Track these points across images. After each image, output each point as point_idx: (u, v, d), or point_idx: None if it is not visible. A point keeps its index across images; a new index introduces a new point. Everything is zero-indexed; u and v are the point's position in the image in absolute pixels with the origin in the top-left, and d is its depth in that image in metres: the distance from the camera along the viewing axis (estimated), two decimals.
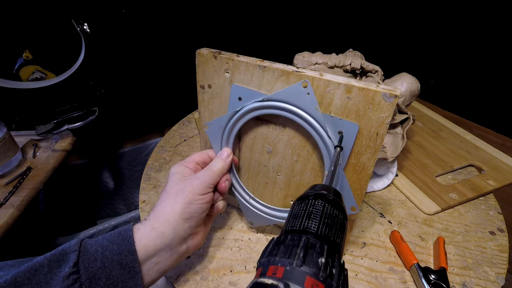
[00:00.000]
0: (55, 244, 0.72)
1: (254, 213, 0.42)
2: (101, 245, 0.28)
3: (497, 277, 0.39)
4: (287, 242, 0.19)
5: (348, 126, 0.30)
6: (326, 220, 0.21)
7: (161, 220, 0.30)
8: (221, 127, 0.38)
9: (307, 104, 0.31)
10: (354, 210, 0.34)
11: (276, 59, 0.33)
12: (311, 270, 0.17)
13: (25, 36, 0.69)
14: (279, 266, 0.17)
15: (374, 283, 0.38)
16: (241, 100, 0.35)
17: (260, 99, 0.33)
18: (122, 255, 0.27)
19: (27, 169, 0.60)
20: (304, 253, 0.18)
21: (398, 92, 0.27)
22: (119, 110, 0.92)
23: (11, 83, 0.64)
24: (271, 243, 0.20)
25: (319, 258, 0.18)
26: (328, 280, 0.17)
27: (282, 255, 0.18)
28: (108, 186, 1.03)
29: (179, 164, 0.35)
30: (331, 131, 0.31)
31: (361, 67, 0.50)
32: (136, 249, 0.28)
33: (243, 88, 0.34)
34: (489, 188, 0.51)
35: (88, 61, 0.69)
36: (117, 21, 0.76)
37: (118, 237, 0.28)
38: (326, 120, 0.31)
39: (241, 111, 0.35)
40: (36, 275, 0.25)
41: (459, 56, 0.92)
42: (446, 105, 0.92)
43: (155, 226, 0.30)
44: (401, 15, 1.07)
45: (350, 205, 0.33)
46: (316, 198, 0.22)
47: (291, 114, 0.32)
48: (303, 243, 0.18)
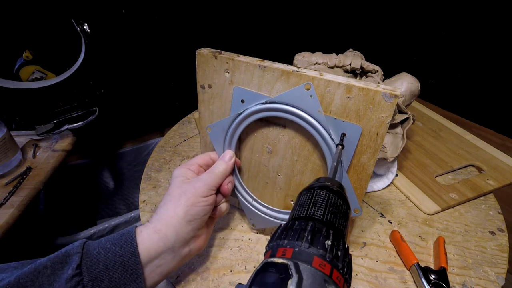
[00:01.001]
0: (55, 244, 0.72)
1: (256, 215, 0.42)
2: (104, 247, 0.28)
3: (497, 277, 0.39)
4: (295, 227, 0.20)
5: (351, 128, 0.30)
6: (331, 209, 0.22)
7: (163, 222, 0.30)
8: (223, 129, 0.38)
9: (310, 106, 0.31)
10: (357, 212, 0.34)
11: (276, 59, 0.33)
12: (318, 251, 0.18)
13: (25, 36, 0.69)
14: (288, 248, 0.18)
15: (374, 283, 0.38)
16: (243, 103, 0.35)
17: (262, 101, 0.33)
18: (125, 257, 0.27)
19: (27, 169, 0.60)
20: (311, 236, 0.19)
21: (398, 92, 0.27)
22: (119, 110, 0.92)
23: (11, 83, 0.64)
24: (279, 229, 0.21)
25: (326, 240, 0.18)
26: (334, 260, 0.18)
27: (291, 238, 0.19)
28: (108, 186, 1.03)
29: (182, 167, 0.36)
30: (334, 133, 0.31)
31: (361, 67, 0.50)
32: (139, 251, 0.28)
33: (245, 90, 0.34)
34: (489, 188, 0.51)
35: (88, 61, 0.69)
36: (117, 21, 0.76)
37: (120, 239, 0.28)
38: (329, 122, 0.31)
39: (243, 114, 0.35)
40: (39, 276, 0.25)
41: (459, 56, 0.92)
42: (446, 105, 0.92)
43: (157, 228, 0.30)
44: (401, 15, 1.07)
45: (354, 208, 0.33)
46: (321, 189, 0.23)
47: (294, 116, 0.32)
48: (310, 227, 0.19)
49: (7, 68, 0.67)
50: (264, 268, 0.17)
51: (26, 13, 0.67)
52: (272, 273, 0.17)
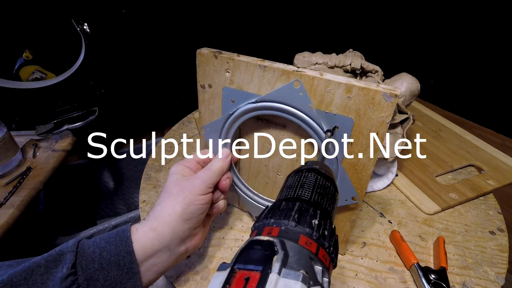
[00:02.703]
0: (55, 244, 0.72)
1: (258, 208, 0.42)
2: (98, 246, 0.27)
3: (497, 277, 0.39)
4: (282, 207, 0.20)
5: (343, 120, 0.30)
6: (319, 190, 0.22)
7: (160, 220, 0.30)
8: (217, 129, 0.38)
9: (301, 103, 0.31)
10: (355, 199, 0.34)
11: (276, 59, 0.33)
12: (304, 230, 0.18)
13: (25, 36, 0.69)
14: (274, 227, 0.18)
15: (374, 283, 0.38)
16: (234, 102, 0.35)
17: (253, 101, 0.33)
18: (120, 256, 0.27)
19: (27, 169, 0.60)
20: (298, 215, 0.19)
21: (398, 92, 0.27)
22: (119, 110, 0.92)
23: (11, 83, 0.64)
24: (265, 210, 0.20)
25: (313, 219, 0.18)
26: (320, 239, 0.18)
27: (277, 217, 0.19)
28: (108, 186, 1.03)
29: (179, 164, 0.35)
30: (327, 127, 0.31)
31: (361, 67, 0.50)
32: (134, 249, 0.28)
33: (234, 90, 0.34)
34: (489, 188, 0.51)
35: (88, 61, 0.69)
36: (117, 21, 0.76)
37: (115, 238, 0.28)
38: (321, 116, 0.31)
39: (235, 113, 0.35)
40: (32, 275, 0.25)
41: (459, 56, 0.92)
42: (446, 105, 0.92)
43: (154, 226, 0.29)
44: (401, 15, 1.07)
45: (351, 195, 0.34)
46: (309, 171, 0.23)
47: (285, 114, 0.32)
48: (297, 207, 0.19)
49: (7, 68, 0.67)
50: (249, 246, 0.17)
51: (26, 13, 0.67)
52: (257, 250, 0.16)
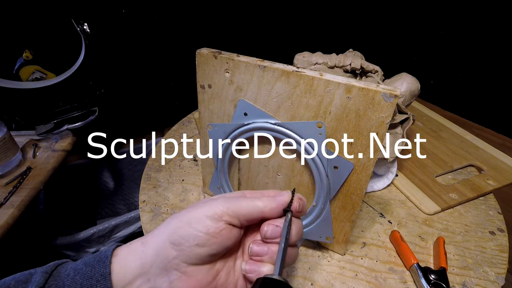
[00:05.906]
0: (54, 244, 0.72)
1: None
2: (74, 268, 0.24)
3: (497, 277, 0.39)
4: None
5: (343, 163, 0.32)
6: None
7: (151, 235, 0.25)
8: (225, 132, 0.38)
9: (317, 142, 0.32)
10: (329, 239, 0.38)
11: (276, 59, 0.33)
12: None
13: (25, 36, 0.69)
14: None
15: (374, 283, 0.38)
16: (246, 116, 0.36)
17: (273, 122, 0.34)
18: (93, 280, 0.23)
19: (27, 169, 0.60)
20: None
21: (398, 92, 0.27)
22: (119, 110, 0.92)
23: (11, 83, 0.64)
24: None
25: None
26: None
27: None
28: (108, 186, 1.04)
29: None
30: (328, 165, 0.33)
31: (361, 67, 0.50)
32: (112, 270, 0.24)
33: (250, 105, 0.35)
34: (489, 188, 0.51)
35: (88, 61, 0.69)
36: (117, 21, 0.76)
37: (94, 259, 0.24)
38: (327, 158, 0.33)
39: (250, 126, 0.36)
40: None
41: (459, 56, 0.92)
42: (446, 105, 0.92)
43: (145, 241, 0.25)
44: (401, 15, 1.07)
45: (327, 235, 0.38)
46: None
47: (297, 145, 0.34)
48: None
49: (7, 68, 0.67)
50: None
51: (26, 13, 0.67)
52: None
